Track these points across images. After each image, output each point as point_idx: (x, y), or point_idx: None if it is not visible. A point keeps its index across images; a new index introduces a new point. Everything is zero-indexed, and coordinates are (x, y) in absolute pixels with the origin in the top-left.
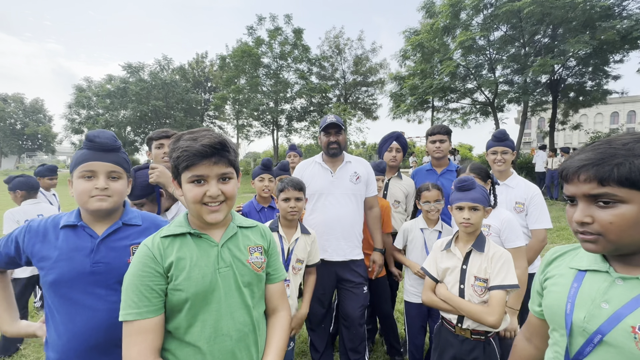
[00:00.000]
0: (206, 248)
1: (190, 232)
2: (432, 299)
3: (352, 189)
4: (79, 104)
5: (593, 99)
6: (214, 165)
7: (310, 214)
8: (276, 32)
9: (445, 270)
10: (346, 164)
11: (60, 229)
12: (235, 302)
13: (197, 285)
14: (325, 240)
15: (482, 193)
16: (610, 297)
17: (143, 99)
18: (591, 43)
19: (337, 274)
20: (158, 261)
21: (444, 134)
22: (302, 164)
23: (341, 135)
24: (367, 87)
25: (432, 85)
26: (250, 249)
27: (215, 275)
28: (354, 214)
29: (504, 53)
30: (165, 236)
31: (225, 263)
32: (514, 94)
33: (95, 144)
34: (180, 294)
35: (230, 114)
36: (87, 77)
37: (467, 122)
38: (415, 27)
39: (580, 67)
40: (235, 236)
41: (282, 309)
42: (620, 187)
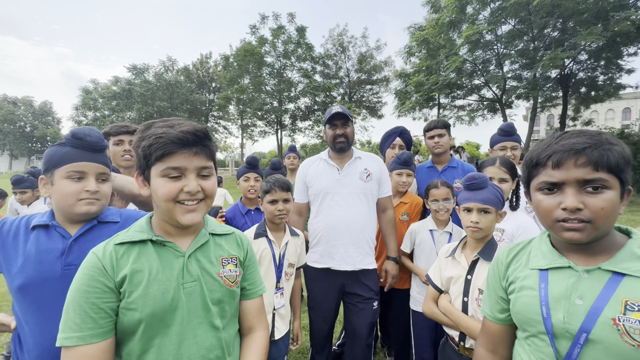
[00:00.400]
0: (170, 259)
1: (152, 239)
2: (432, 311)
3: (362, 187)
4: (85, 105)
5: (606, 94)
6: (194, 156)
7: (314, 217)
8: (279, 30)
9: (449, 280)
10: (355, 160)
11: (30, 229)
12: (201, 323)
13: (154, 304)
14: (331, 247)
15: (495, 193)
16: (582, 292)
17: (148, 100)
18: (604, 35)
19: (344, 286)
20: (108, 274)
21: (442, 128)
22: (307, 161)
23: (349, 128)
24: (371, 85)
25: (438, 81)
26: (222, 261)
27: (179, 292)
28: (365, 216)
29: (512, 47)
30: (121, 243)
31: (191, 277)
32: (522, 89)
33: (85, 142)
34: (133, 314)
35: (234, 113)
36: (94, 79)
37: (474, 119)
38: (420, 23)
39: (592, 60)
40: (206, 245)
41: (259, 329)
42: (609, 173)
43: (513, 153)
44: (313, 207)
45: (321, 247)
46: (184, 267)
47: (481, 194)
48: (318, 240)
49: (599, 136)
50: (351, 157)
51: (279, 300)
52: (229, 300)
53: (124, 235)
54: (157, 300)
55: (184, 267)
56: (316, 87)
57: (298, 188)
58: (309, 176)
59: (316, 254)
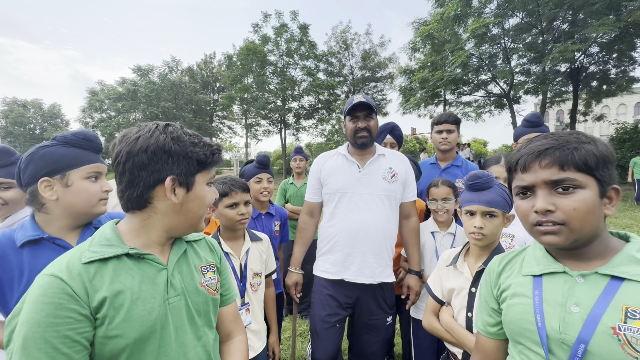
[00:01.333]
0: (151, 273)
1: (128, 253)
2: (433, 326)
3: (386, 188)
4: (92, 107)
5: (618, 88)
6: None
7: (328, 220)
8: (282, 28)
9: (451, 292)
10: (378, 158)
11: (20, 247)
12: (189, 338)
13: (141, 327)
14: (347, 255)
15: (502, 194)
16: (578, 298)
17: (153, 101)
18: (617, 26)
19: (359, 300)
20: (81, 299)
21: (452, 123)
22: (322, 156)
23: (372, 120)
24: (375, 83)
25: (443, 77)
26: (202, 269)
27: (165, 308)
28: (387, 221)
29: (520, 41)
30: (90, 262)
31: (175, 291)
32: (531, 84)
33: (94, 144)
34: (116, 342)
35: (238, 113)
36: (100, 80)
37: (480, 115)
38: (424, 18)
39: (603, 53)
40: (184, 254)
41: (238, 333)
42: (579, 171)
43: None
44: (327, 208)
45: (335, 255)
46: (167, 281)
47: (485, 195)
48: (332, 246)
49: (567, 136)
50: (374, 153)
51: (244, 317)
52: (213, 309)
53: (91, 252)
54: (143, 322)
55: (168, 281)
56: (320, 85)
57: (311, 185)
58: (325, 172)
59: (327, 262)
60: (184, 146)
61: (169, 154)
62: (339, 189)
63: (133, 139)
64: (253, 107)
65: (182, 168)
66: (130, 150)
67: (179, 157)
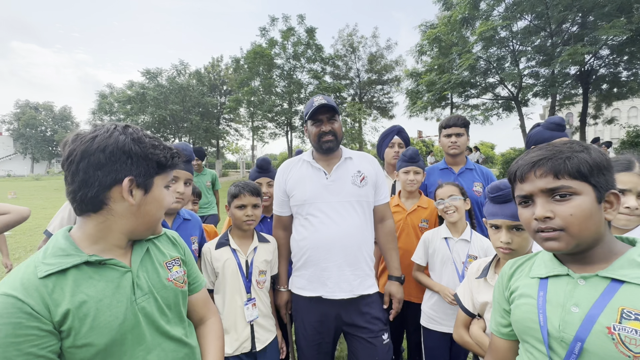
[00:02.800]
0: (115, 278)
1: (87, 261)
2: (464, 339)
3: (356, 194)
4: (101, 110)
5: (629, 91)
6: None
7: (298, 233)
8: (289, 32)
9: (484, 305)
10: (345, 161)
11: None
12: (163, 331)
13: (110, 332)
14: (322, 270)
15: None
16: (578, 299)
17: (161, 104)
18: (628, 28)
19: (342, 317)
20: (42, 316)
21: (462, 127)
22: (286, 164)
23: (336, 122)
24: (382, 85)
25: (451, 80)
26: (167, 265)
27: (133, 309)
28: (361, 229)
29: (529, 44)
30: (47, 275)
31: (142, 291)
32: (540, 86)
33: None
34: (87, 350)
35: (245, 116)
36: (110, 83)
37: (488, 118)
38: (431, 21)
39: (614, 55)
40: (147, 253)
41: (210, 316)
42: (573, 179)
43: None
44: (296, 221)
45: (309, 270)
46: (133, 283)
47: (510, 207)
48: (305, 262)
49: (561, 147)
50: (340, 157)
51: (250, 312)
52: (182, 300)
53: (46, 265)
54: (112, 328)
55: (134, 283)
56: (326, 88)
57: (278, 198)
58: (290, 183)
59: (303, 278)
60: (145, 148)
61: (129, 154)
62: (306, 199)
63: (89, 138)
64: (260, 110)
65: (141, 169)
66: (85, 149)
67: (138, 158)
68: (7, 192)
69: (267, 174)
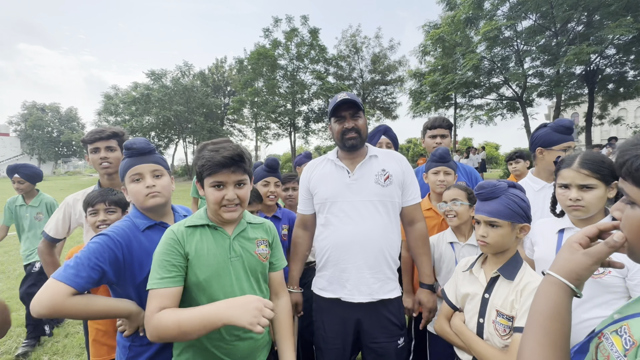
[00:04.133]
0: (220, 239)
1: (208, 224)
2: (443, 329)
3: (379, 193)
4: (107, 111)
5: (636, 90)
6: (232, 173)
7: (320, 233)
8: (292, 33)
9: (465, 297)
10: (370, 159)
11: (142, 231)
12: (245, 286)
13: (211, 270)
14: (341, 271)
15: (509, 204)
16: None
17: (165, 105)
18: (635, 27)
19: (361, 322)
20: (181, 244)
21: (446, 128)
22: (311, 163)
23: (360, 119)
24: (385, 86)
25: (454, 80)
26: (257, 242)
27: (227, 263)
28: (384, 229)
29: (533, 43)
30: (189, 226)
31: (235, 253)
32: (544, 86)
33: (134, 150)
34: (195, 276)
35: (249, 116)
36: (115, 85)
37: (492, 118)
38: (435, 21)
39: (620, 55)
40: (244, 230)
41: (283, 294)
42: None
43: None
44: (319, 220)
45: (329, 270)
46: (230, 246)
47: (490, 205)
48: (325, 262)
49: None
50: (364, 155)
51: None
52: (262, 270)
53: (190, 221)
54: (212, 268)
55: (230, 246)
56: (329, 89)
57: (301, 195)
58: (313, 181)
59: (324, 279)
60: (195, 161)
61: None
62: (327, 197)
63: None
64: (263, 111)
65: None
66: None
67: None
68: (14, 192)
69: (275, 174)
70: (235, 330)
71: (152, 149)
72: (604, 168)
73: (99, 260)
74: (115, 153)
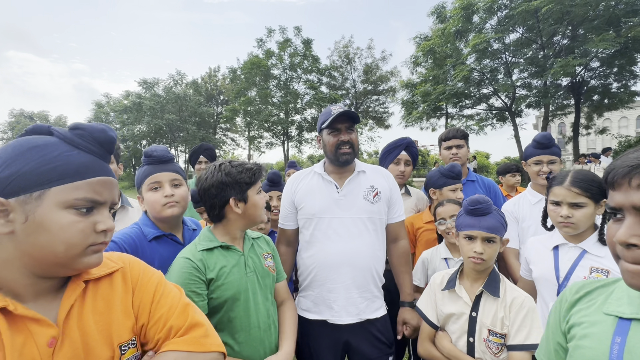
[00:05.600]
0: (235, 257)
1: (221, 245)
2: (430, 353)
3: (368, 210)
4: (97, 119)
5: (620, 101)
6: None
7: (305, 250)
8: (286, 43)
9: (449, 317)
10: (358, 175)
11: (149, 241)
12: (260, 299)
13: (232, 289)
14: (328, 292)
15: (500, 220)
16: None
17: (157, 113)
18: (617, 41)
19: (350, 343)
20: (202, 271)
21: (461, 138)
22: (296, 176)
23: (354, 133)
24: (378, 96)
25: (445, 91)
26: (264, 256)
27: (245, 279)
28: (372, 247)
29: (521, 56)
30: (203, 250)
31: (250, 269)
32: (533, 97)
33: (154, 157)
34: (220, 297)
35: (242, 125)
36: (106, 93)
37: (483, 128)
38: (426, 33)
39: (604, 67)
40: (252, 246)
41: (288, 300)
42: None
43: (551, 168)
44: (303, 236)
45: (315, 291)
46: (245, 263)
47: (486, 220)
48: (310, 281)
49: None
50: (353, 170)
51: None
52: (272, 282)
53: (201, 244)
54: (234, 286)
55: (245, 262)
56: (322, 99)
57: (284, 210)
58: (299, 195)
59: (308, 299)
60: (233, 176)
61: (226, 184)
62: (314, 213)
63: (203, 179)
64: (256, 120)
65: (237, 190)
66: (203, 187)
67: (233, 184)
68: None
69: (278, 187)
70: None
71: (171, 157)
72: (594, 187)
73: None
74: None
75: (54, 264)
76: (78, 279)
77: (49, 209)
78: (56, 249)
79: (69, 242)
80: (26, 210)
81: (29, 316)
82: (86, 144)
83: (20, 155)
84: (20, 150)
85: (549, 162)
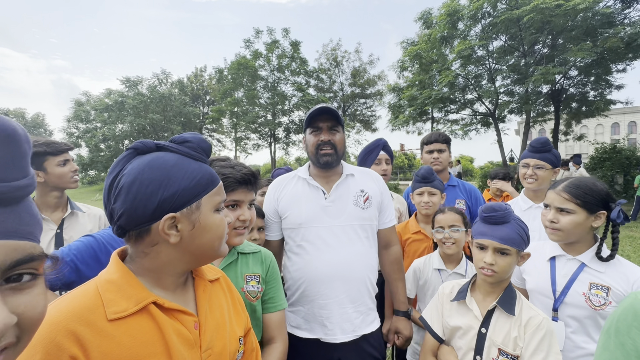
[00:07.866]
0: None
1: None
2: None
3: (359, 216)
4: (77, 117)
5: (596, 109)
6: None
7: (292, 263)
8: (273, 45)
9: (455, 330)
10: (347, 179)
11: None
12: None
13: None
14: (320, 308)
15: (519, 230)
16: None
17: (141, 113)
18: (594, 51)
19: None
20: None
21: (443, 143)
22: (279, 180)
23: (339, 134)
24: (365, 99)
25: (431, 95)
26: (246, 277)
27: None
28: (365, 256)
29: (504, 63)
30: None
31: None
32: (515, 104)
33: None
34: None
35: (228, 126)
36: (86, 91)
37: (467, 133)
38: (412, 38)
39: (582, 76)
40: (234, 263)
41: (278, 340)
42: None
43: (536, 173)
44: (288, 247)
45: (305, 307)
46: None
47: (501, 230)
48: (300, 296)
49: None
50: (340, 174)
51: None
52: (250, 312)
53: None
54: None
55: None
56: (310, 101)
57: (267, 219)
58: (283, 203)
59: (298, 315)
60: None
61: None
62: (301, 222)
63: None
64: (243, 121)
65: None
66: None
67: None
68: None
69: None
70: None
71: None
72: (589, 195)
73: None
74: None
75: (209, 257)
76: (201, 279)
77: (206, 214)
78: (214, 244)
79: (223, 235)
80: (192, 220)
81: (175, 308)
82: (198, 155)
83: (171, 176)
84: (166, 171)
85: (536, 166)
